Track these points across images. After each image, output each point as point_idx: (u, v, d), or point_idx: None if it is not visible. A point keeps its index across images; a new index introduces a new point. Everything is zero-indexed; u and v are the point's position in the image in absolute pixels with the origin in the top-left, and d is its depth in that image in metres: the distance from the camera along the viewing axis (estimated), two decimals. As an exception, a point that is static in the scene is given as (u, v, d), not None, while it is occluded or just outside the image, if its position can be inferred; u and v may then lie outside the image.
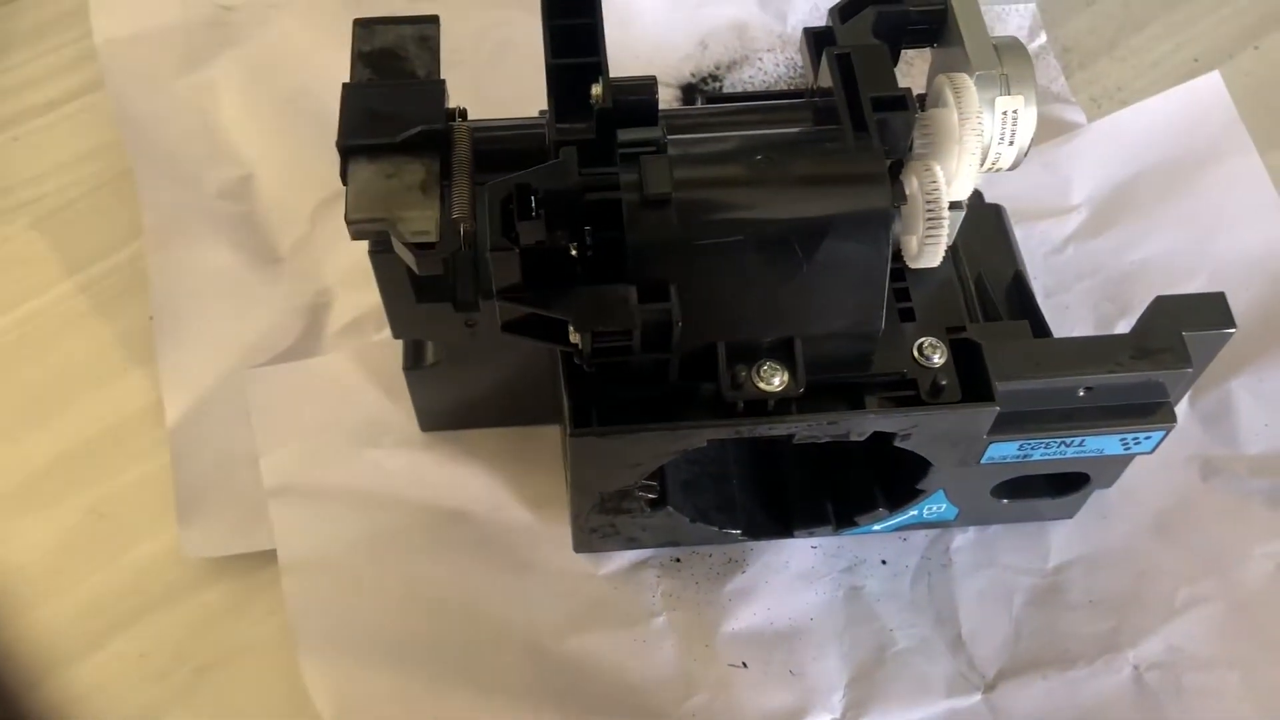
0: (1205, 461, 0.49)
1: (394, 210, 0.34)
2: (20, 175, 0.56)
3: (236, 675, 0.44)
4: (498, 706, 0.43)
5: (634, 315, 0.34)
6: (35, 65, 0.60)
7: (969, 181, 0.38)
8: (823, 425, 0.38)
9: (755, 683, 0.44)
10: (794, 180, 0.35)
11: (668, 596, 0.46)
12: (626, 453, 0.39)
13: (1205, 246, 0.54)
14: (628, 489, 0.41)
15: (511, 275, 0.34)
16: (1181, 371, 0.38)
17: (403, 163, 0.36)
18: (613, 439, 0.38)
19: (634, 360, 0.36)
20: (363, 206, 0.35)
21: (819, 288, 0.35)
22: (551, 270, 0.34)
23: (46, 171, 0.57)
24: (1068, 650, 0.45)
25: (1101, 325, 0.52)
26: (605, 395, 0.37)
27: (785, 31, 0.60)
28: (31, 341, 0.52)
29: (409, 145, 0.36)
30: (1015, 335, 0.41)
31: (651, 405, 0.37)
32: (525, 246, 0.33)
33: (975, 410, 0.38)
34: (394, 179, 0.35)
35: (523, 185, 0.33)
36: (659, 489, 0.43)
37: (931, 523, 0.46)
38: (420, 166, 0.35)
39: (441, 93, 0.37)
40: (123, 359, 0.51)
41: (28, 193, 0.56)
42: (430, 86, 0.37)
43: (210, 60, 0.58)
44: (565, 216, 0.34)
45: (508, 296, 0.34)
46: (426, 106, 0.36)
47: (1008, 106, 0.38)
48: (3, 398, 0.50)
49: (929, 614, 0.46)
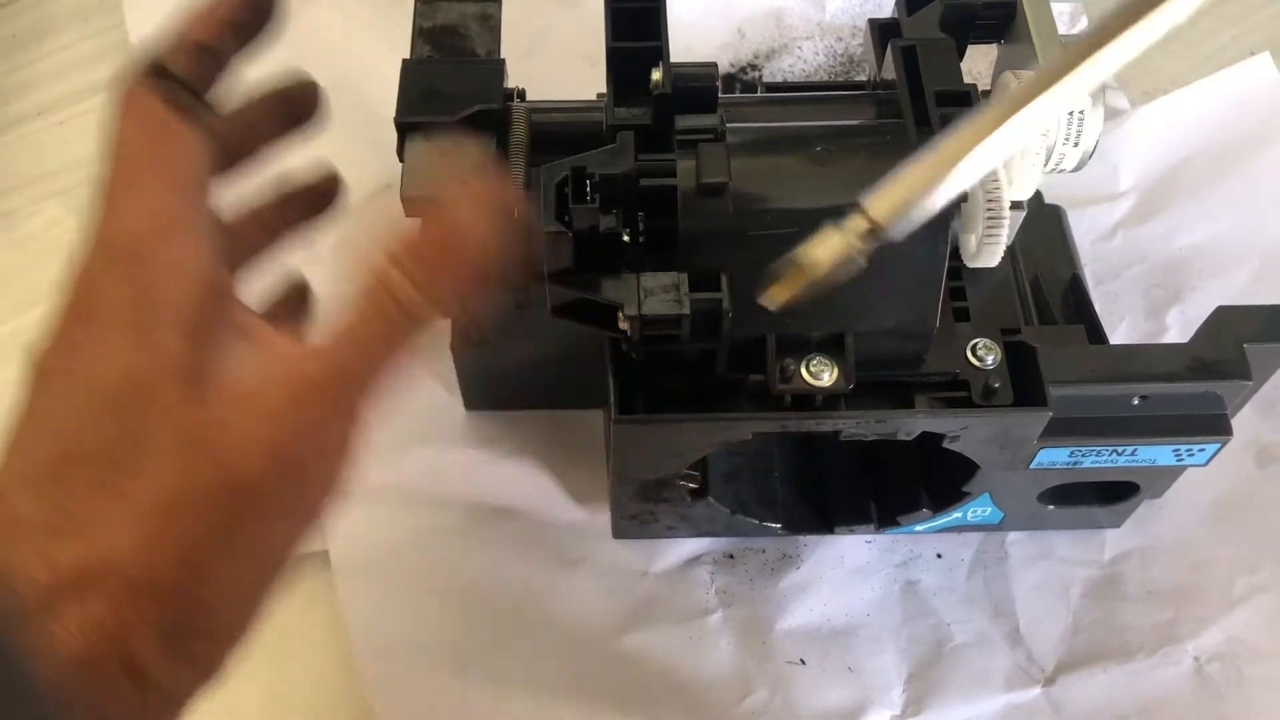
0: (1262, 449, 0.48)
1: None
2: (65, 159, 0.56)
3: (283, 662, 0.44)
4: (557, 706, 0.43)
5: (684, 303, 0.33)
6: (77, 49, 0.60)
7: (1031, 182, 0.37)
8: (871, 423, 0.37)
9: (813, 680, 0.44)
10: (853, 173, 0.34)
11: (722, 593, 0.46)
12: (670, 441, 0.39)
13: (1256, 230, 0.53)
14: (669, 478, 0.41)
15: (564, 259, 0.33)
16: (1241, 384, 0.37)
17: (459, 141, 0.35)
18: (657, 427, 0.38)
19: (682, 349, 0.35)
20: (418, 184, 0.35)
21: (873, 284, 0.34)
22: (604, 255, 0.34)
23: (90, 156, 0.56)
24: (1127, 642, 0.44)
25: (1152, 311, 0.51)
26: (652, 383, 0.37)
27: (824, 19, 0.59)
28: None
29: (466, 124, 0.35)
30: (1071, 340, 0.40)
31: (698, 395, 0.37)
32: (579, 230, 0.33)
33: (1027, 414, 0.37)
34: (450, 157, 0.35)
35: (578, 169, 0.33)
36: (700, 479, 0.43)
37: (976, 526, 0.46)
38: (476, 146, 0.35)
39: (501, 72, 0.37)
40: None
41: (72, 177, 0.56)
42: (490, 65, 0.37)
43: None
44: (620, 201, 0.33)
45: (559, 280, 0.34)
46: (485, 86, 0.36)
47: (1074, 107, 0.37)
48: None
49: (986, 608, 0.45)
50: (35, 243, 0.54)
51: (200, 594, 0.25)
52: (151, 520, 0.24)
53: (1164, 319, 0.51)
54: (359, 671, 0.43)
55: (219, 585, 0.25)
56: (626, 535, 0.46)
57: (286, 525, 0.27)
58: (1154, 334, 0.51)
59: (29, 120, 0.58)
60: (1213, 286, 0.52)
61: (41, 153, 0.57)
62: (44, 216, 0.55)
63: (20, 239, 0.54)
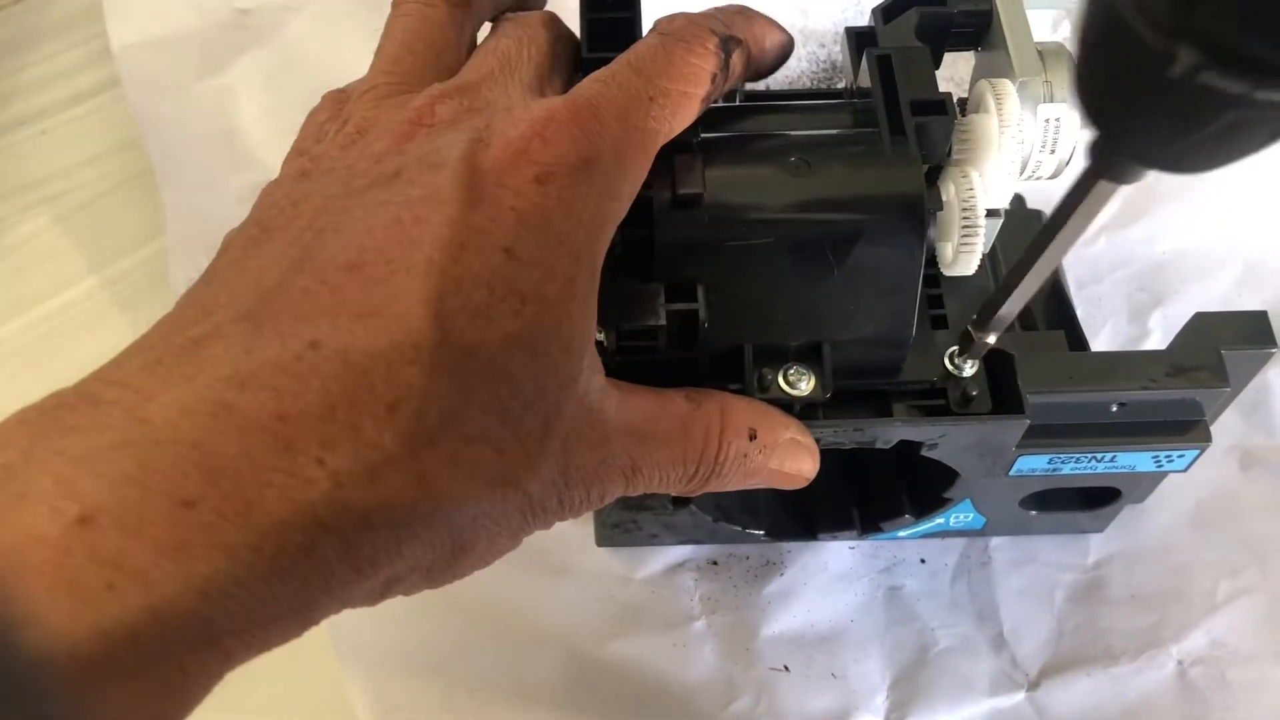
0: (1245, 452, 0.48)
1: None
2: (49, 168, 0.57)
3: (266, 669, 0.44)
4: (541, 713, 0.43)
5: (660, 314, 0.33)
6: (63, 59, 0.60)
7: (1007, 189, 0.37)
8: (849, 432, 0.37)
9: (797, 686, 0.44)
10: (828, 183, 0.34)
11: (706, 600, 0.46)
12: (650, 451, 0.39)
13: (1239, 234, 0.53)
14: (650, 486, 0.41)
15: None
16: (1219, 390, 0.37)
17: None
18: (636, 436, 0.38)
19: (660, 359, 0.35)
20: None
21: (850, 292, 0.35)
22: (579, 266, 0.34)
23: (74, 165, 0.57)
24: (1111, 646, 0.45)
25: (1135, 314, 0.51)
26: (630, 393, 0.37)
27: (807, 25, 0.59)
28: (59, 336, 0.52)
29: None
30: (1050, 346, 0.40)
31: (676, 404, 0.37)
32: (553, 242, 0.33)
33: (1005, 422, 0.37)
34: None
35: (553, 180, 0.33)
36: (682, 487, 0.43)
37: (958, 531, 0.46)
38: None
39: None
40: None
41: (57, 186, 0.56)
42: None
43: (228, 64, 0.57)
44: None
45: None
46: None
47: (1050, 114, 0.37)
48: (28, 393, 0.50)
49: (970, 612, 0.45)
50: (18, 253, 0.54)
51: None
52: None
53: (1147, 323, 0.51)
54: (343, 682, 0.43)
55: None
56: (610, 543, 0.46)
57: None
58: (1137, 338, 0.51)
59: (12, 130, 0.58)
60: (1196, 290, 0.52)
61: (25, 163, 0.57)
62: (28, 226, 0.55)
63: (3, 249, 0.54)
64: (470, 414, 0.25)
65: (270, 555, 0.22)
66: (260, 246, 0.27)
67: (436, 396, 0.24)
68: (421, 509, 0.25)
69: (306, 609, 0.24)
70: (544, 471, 0.27)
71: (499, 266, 0.26)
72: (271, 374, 0.23)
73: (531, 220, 0.26)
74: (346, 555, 0.24)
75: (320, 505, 0.23)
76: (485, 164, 0.26)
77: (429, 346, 0.24)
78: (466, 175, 0.26)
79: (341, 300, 0.24)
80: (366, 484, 0.23)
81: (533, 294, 0.26)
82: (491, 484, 0.26)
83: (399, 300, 0.24)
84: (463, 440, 0.25)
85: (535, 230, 0.26)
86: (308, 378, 0.23)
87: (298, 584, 0.23)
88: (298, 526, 0.23)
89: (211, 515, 0.22)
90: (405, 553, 0.25)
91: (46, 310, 0.52)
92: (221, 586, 0.22)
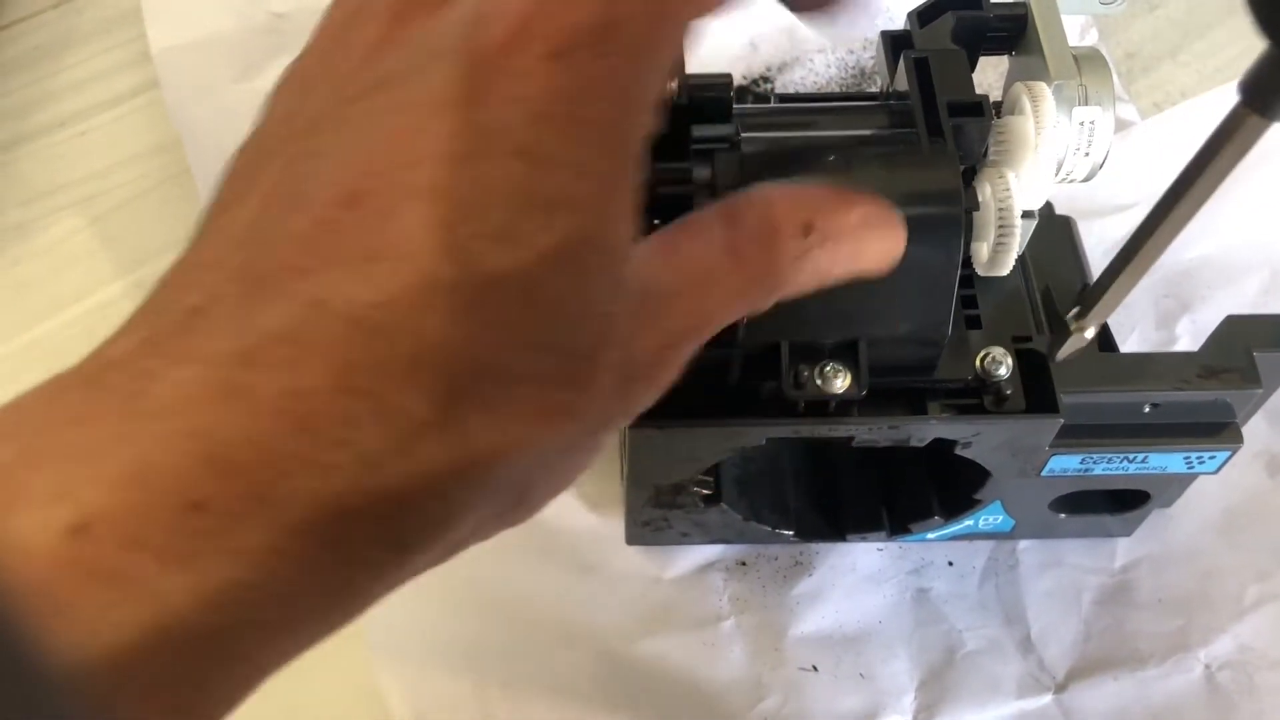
0: (1272, 458, 0.48)
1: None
2: (87, 169, 0.57)
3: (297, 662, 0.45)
4: (572, 710, 0.43)
5: (700, 310, 0.34)
6: (101, 61, 0.60)
7: (1043, 191, 0.37)
8: (884, 429, 0.38)
9: (826, 686, 0.44)
10: (865, 182, 0.35)
11: (735, 600, 0.46)
12: (685, 448, 0.39)
13: (1265, 241, 0.53)
14: (683, 484, 0.42)
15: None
16: (1250, 392, 0.38)
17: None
18: (672, 433, 0.38)
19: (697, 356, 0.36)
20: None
21: (887, 291, 0.35)
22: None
23: (112, 166, 0.57)
24: (1138, 650, 0.45)
25: (1162, 320, 0.52)
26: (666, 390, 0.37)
27: (835, 31, 0.59)
28: (94, 336, 0.51)
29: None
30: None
31: (712, 402, 0.37)
32: (596, 238, 0.33)
33: (1039, 421, 0.37)
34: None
35: (596, 177, 0.33)
36: (714, 486, 0.44)
37: (986, 534, 0.46)
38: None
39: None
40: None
41: (94, 186, 0.56)
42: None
43: (265, 67, 0.57)
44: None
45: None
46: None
47: (1085, 117, 0.37)
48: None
49: (997, 615, 0.46)
50: (55, 253, 0.55)
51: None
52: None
53: (1174, 329, 0.51)
54: (377, 678, 0.43)
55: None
56: (640, 542, 0.46)
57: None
58: (1164, 343, 0.51)
59: (51, 131, 0.58)
60: (1222, 296, 0.52)
61: (62, 164, 0.57)
62: (63, 226, 0.55)
63: (39, 249, 0.55)
64: (506, 355, 0.21)
65: (295, 556, 0.20)
66: (253, 179, 0.23)
67: (464, 343, 0.21)
68: (470, 475, 0.21)
69: (347, 602, 0.22)
70: (603, 385, 0.23)
71: (516, 174, 0.21)
72: (276, 344, 0.20)
73: (549, 109, 0.21)
74: (384, 541, 0.21)
75: (347, 493, 0.20)
76: (487, 47, 0.21)
77: (446, 287, 0.20)
78: (466, 66, 0.21)
79: (341, 243, 0.21)
80: (398, 459, 0.20)
81: (562, 199, 0.22)
82: (545, 423, 0.22)
83: (405, 237, 0.21)
84: (501, 386, 0.21)
85: (555, 121, 0.21)
86: (316, 344, 0.20)
87: (331, 580, 0.21)
88: (323, 520, 0.20)
89: (223, 517, 0.19)
90: (456, 523, 0.22)
91: (82, 310, 0.53)
92: (239, 596, 0.19)
